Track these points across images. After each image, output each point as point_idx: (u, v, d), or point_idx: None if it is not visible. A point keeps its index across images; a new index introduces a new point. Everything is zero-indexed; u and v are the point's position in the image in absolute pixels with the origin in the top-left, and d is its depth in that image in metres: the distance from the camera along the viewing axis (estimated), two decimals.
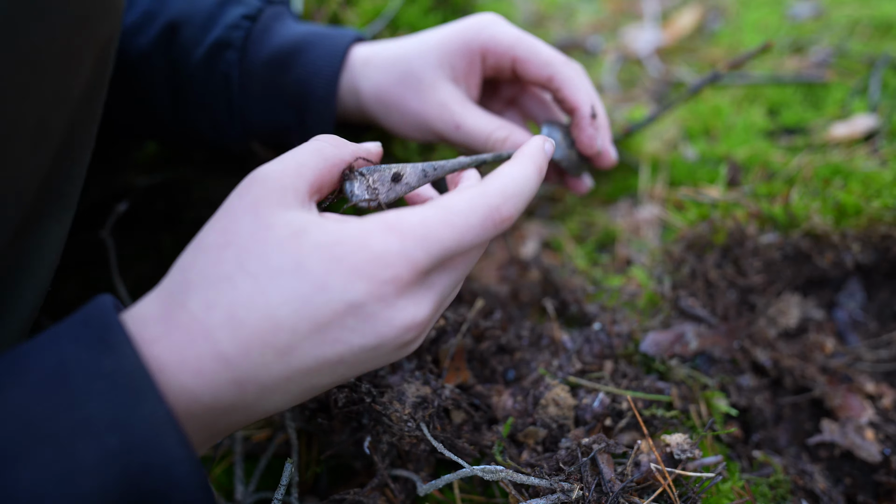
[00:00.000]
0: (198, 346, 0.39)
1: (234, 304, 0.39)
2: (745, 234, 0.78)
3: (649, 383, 0.69)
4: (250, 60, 0.70)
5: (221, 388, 0.39)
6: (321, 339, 0.40)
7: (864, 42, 1.14)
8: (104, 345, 0.36)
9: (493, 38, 0.65)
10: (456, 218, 0.43)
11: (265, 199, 0.42)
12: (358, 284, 0.40)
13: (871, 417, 0.72)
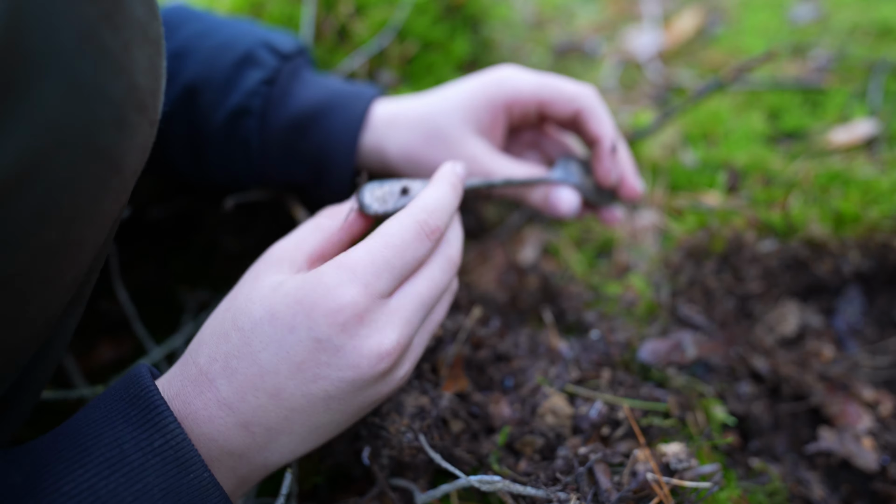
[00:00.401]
0: (205, 396, 0.45)
1: (228, 356, 0.46)
2: (743, 241, 0.78)
3: (647, 391, 0.70)
4: (269, 126, 0.71)
5: (231, 432, 0.45)
6: (302, 377, 0.45)
7: (864, 46, 1.14)
8: (153, 425, 0.42)
9: (516, 90, 0.68)
10: (393, 238, 0.47)
11: (264, 269, 0.50)
12: (320, 320, 0.44)
13: (868, 425, 0.73)
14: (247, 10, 1.05)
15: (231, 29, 0.75)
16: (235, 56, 0.71)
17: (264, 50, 0.72)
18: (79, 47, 0.34)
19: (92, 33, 0.34)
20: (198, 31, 0.75)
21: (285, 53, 0.74)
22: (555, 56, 1.45)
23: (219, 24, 0.76)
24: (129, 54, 0.38)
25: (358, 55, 0.96)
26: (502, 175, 0.68)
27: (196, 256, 0.97)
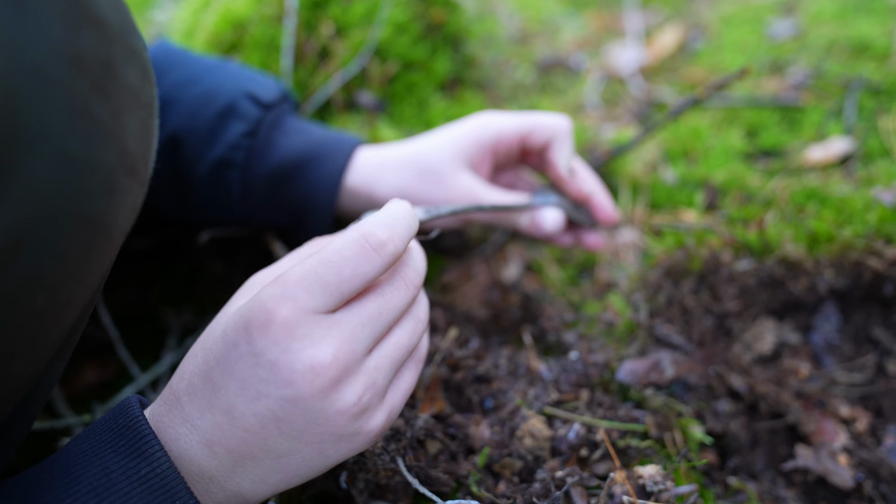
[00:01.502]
0: (172, 413, 0.46)
1: (192, 374, 0.47)
2: (720, 261, 0.79)
3: (625, 412, 0.70)
4: (251, 177, 0.73)
5: (196, 450, 0.45)
6: (247, 394, 0.45)
7: (841, 63, 1.16)
8: (140, 454, 0.43)
9: (500, 130, 0.73)
10: (331, 255, 0.46)
11: (238, 297, 0.52)
12: (254, 333, 0.44)
13: (844, 442, 0.74)
14: (229, 31, 1.06)
15: (214, 76, 0.77)
16: (218, 108, 0.73)
17: (246, 101, 0.74)
18: (69, 121, 0.34)
19: (82, 106, 0.35)
20: (182, 78, 0.76)
21: (266, 103, 0.75)
22: (539, 71, 1.47)
23: (202, 71, 0.78)
24: (120, 121, 0.38)
25: (337, 78, 0.97)
26: (492, 202, 0.71)
27: (180, 278, 0.97)
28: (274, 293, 0.44)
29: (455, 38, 1.13)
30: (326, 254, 0.46)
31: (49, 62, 0.33)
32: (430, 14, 1.07)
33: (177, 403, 0.47)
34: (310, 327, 0.44)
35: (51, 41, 0.33)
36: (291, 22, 0.99)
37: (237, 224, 0.79)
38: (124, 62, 0.39)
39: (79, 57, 0.35)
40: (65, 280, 0.37)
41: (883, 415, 0.79)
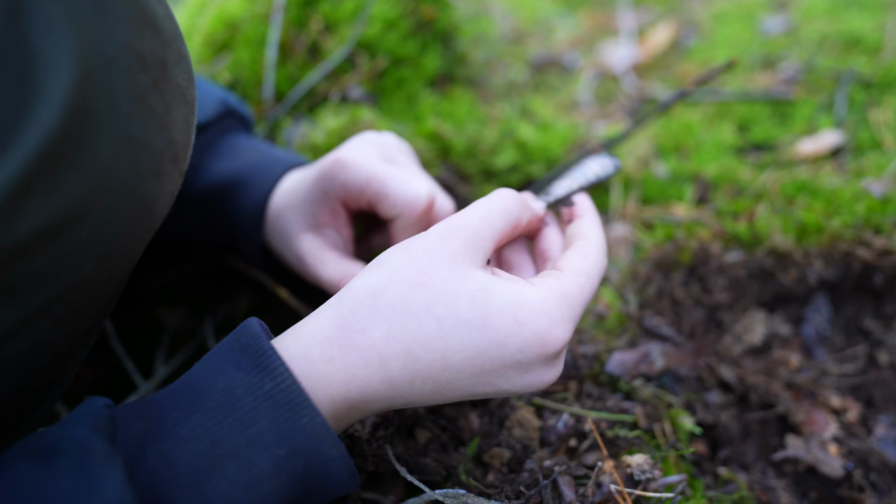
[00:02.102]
0: (370, 369, 0.45)
1: (415, 342, 0.45)
2: (710, 253, 0.79)
3: (613, 403, 0.70)
4: (182, 200, 0.70)
5: (378, 401, 0.46)
6: (479, 380, 0.47)
7: (832, 57, 1.16)
8: (263, 370, 0.42)
9: (345, 186, 0.64)
10: (593, 280, 0.51)
11: (462, 254, 0.48)
12: (533, 348, 0.46)
13: (834, 432, 0.74)
14: (222, 31, 1.06)
15: None
16: None
17: None
18: (131, 108, 0.39)
19: (143, 97, 0.40)
20: None
21: (201, 124, 0.73)
22: (533, 70, 1.47)
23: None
24: (170, 114, 0.43)
25: (320, 69, 0.98)
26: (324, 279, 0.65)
27: (170, 271, 0.97)
28: (563, 314, 0.47)
29: (445, 35, 1.13)
30: (592, 280, 0.51)
31: (119, 57, 0.38)
32: (419, 11, 1.08)
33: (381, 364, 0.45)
34: (565, 351, 0.49)
35: (121, 39, 0.38)
36: (278, 17, 1.00)
37: (189, 240, 0.78)
38: (175, 63, 0.44)
39: (141, 55, 0.40)
40: (111, 253, 0.40)
41: (874, 405, 0.79)
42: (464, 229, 0.48)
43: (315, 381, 0.44)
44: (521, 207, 0.53)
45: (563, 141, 1.09)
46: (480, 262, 0.48)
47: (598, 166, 0.62)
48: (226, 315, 0.93)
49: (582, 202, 0.60)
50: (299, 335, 0.46)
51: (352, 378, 0.45)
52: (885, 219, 0.76)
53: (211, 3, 1.17)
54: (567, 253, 0.54)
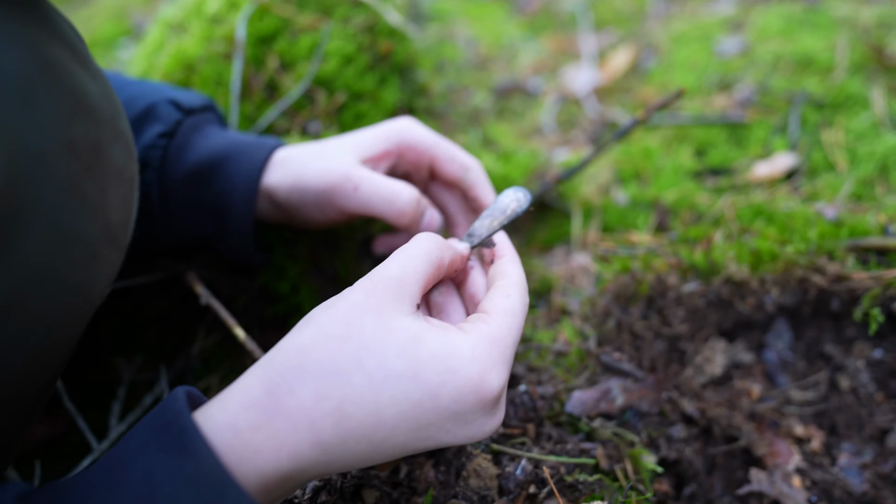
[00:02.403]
0: (299, 434, 0.43)
1: (345, 399, 0.44)
2: (667, 284, 0.78)
3: (573, 445, 0.69)
4: (169, 178, 0.71)
5: (313, 468, 0.44)
6: (417, 436, 0.46)
7: (786, 78, 1.18)
8: (184, 450, 0.40)
9: (414, 139, 0.71)
10: (520, 318, 0.52)
11: (389, 304, 0.47)
12: (469, 397, 0.45)
13: (798, 464, 0.73)
14: (179, 71, 1.05)
15: (135, 88, 0.75)
16: (136, 112, 0.71)
17: (166, 105, 0.72)
18: (62, 199, 0.38)
19: (74, 186, 0.39)
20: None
21: (188, 108, 0.74)
22: (496, 96, 1.48)
23: (124, 84, 0.76)
24: (106, 197, 0.42)
25: (278, 105, 0.97)
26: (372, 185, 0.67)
27: (123, 319, 0.95)
28: (495, 358, 0.47)
29: (404, 68, 1.13)
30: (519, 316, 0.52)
31: (48, 149, 0.37)
32: (376, 45, 1.08)
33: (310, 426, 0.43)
34: (504, 392, 0.49)
35: (50, 131, 0.38)
36: (239, 58, 0.99)
37: (160, 242, 0.76)
38: (111, 143, 0.43)
39: (73, 143, 0.39)
40: (45, 344, 0.39)
41: (836, 432, 0.79)
42: (388, 279, 0.49)
43: (242, 453, 0.42)
44: (441, 248, 0.54)
45: (524, 170, 1.09)
46: (409, 309, 0.48)
47: (513, 202, 0.63)
48: (184, 364, 0.91)
49: (501, 241, 0.61)
50: (226, 403, 0.45)
51: (280, 446, 0.43)
52: (838, 244, 0.76)
53: (169, 43, 1.16)
54: (490, 293, 0.54)
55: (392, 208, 0.65)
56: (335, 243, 0.90)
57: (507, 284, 0.54)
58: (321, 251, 0.88)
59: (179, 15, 1.15)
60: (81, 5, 2.61)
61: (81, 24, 2.36)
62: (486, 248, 0.60)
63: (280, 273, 0.85)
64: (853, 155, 0.96)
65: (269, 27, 1.04)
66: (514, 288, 0.54)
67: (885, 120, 1.01)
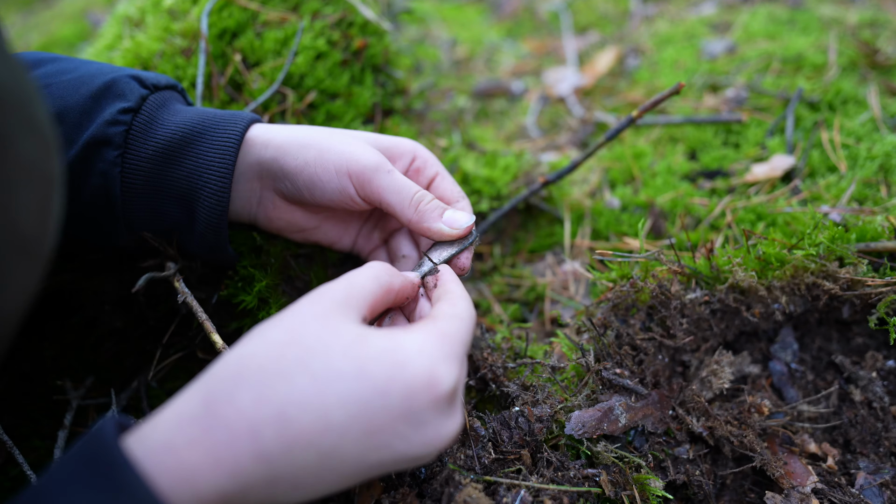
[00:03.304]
0: (238, 446, 0.40)
1: (287, 402, 0.41)
2: (670, 292, 0.73)
3: (576, 472, 0.63)
4: (133, 157, 0.63)
5: (253, 486, 0.40)
6: (369, 443, 0.42)
7: (777, 77, 1.14)
8: (114, 487, 0.36)
9: (425, 152, 0.72)
10: (467, 322, 0.50)
11: (335, 311, 0.46)
12: (421, 392, 0.42)
13: (815, 484, 0.67)
14: (135, 68, 0.97)
15: (95, 66, 0.67)
16: (94, 87, 0.63)
17: (128, 80, 0.65)
18: None
19: None
20: (58, 69, 0.66)
21: (153, 84, 0.67)
22: (478, 98, 1.42)
23: (83, 63, 0.68)
24: (11, 196, 0.36)
25: (249, 108, 0.89)
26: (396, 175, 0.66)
27: (74, 337, 0.86)
28: (445, 351, 0.45)
29: (379, 65, 1.06)
30: (469, 312, 0.51)
31: None
32: (350, 40, 1.01)
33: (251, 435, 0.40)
34: (459, 394, 0.46)
35: None
36: (202, 54, 0.91)
37: (119, 238, 0.67)
38: (19, 134, 0.36)
39: None
40: None
41: (852, 448, 0.74)
42: (333, 291, 0.49)
43: (177, 476, 0.38)
44: (391, 274, 0.55)
45: (509, 171, 1.03)
46: (354, 318, 0.48)
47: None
48: (140, 386, 0.81)
49: (443, 268, 0.62)
50: (161, 422, 0.41)
51: (219, 461, 0.39)
52: (848, 248, 0.72)
53: (125, 39, 1.08)
54: (437, 305, 0.55)
55: (411, 201, 0.64)
56: (309, 254, 0.83)
57: (451, 298, 0.54)
58: (294, 261, 0.80)
59: (136, 9, 1.07)
60: (44, 8, 2.50)
61: (42, 27, 2.24)
62: (431, 275, 0.63)
63: (247, 283, 0.76)
64: (853, 155, 0.92)
65: (233, 21, 0.96)
66: (459, 300, 0.53)
67: (882, 119, 0.97)
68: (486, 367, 0.73)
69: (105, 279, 0.87)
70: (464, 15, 1.86)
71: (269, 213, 0.69)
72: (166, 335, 0.80)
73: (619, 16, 1.65)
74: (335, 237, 0.75)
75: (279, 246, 0.78)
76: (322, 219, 0.73)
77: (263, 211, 0.69)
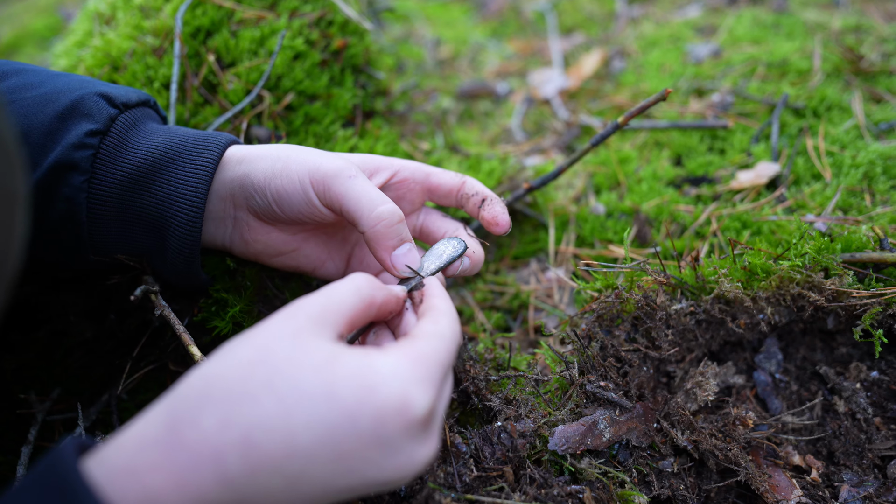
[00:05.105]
0: (202, 471, 0.38)
1: (253, 425, 0.39)
2: (655, 304, 0.71)
3: (559, 489, 0.61)
4: (101, 183, 0.61)
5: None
6: (337, 468, 0.40)
7: (762, 83, 1.14)
8: None
9: (408, 162, 0.69)
10: (448, 342, 0.48)
11: (306, 328, 0.44)
12: (392, 418, 0.40)
13: (799, 498, 0.67)
14: (104, 67, 0.93)
15: (63, 80, 0.64)
16: (60, 107, 0.60)
17: (96, 99, 0.62)
18: None
19: None
20: (20, 84, 0.63)
21: (123, 102, 0.64)
22: (462, 99, 1.40)
23: (46, 77, 0.65)
24: None
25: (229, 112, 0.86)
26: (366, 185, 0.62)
27: (41, 348, 0.82)
28: (418, 374, 0.43)
29: (360, 66, 1.04)
30: (448, 342, 0.48)
31: None
32: (329, 40, 0.98)
33: (215, 459, 0.38)
34: (435, 418, 0.44)
35: None
36: (177, 55, 0.87)
37: (85, 261, 0.65)
38: None
39: None
40: None
41: (835, 460, 0.73)
42: (309, 306, 0.46)
43: (139, 500, 0.37)
44: (374, 287, 0.52)
45: (493, 176, 1.01)
46: (329, 335, 0.45)
47: (449, 248, 0.65)
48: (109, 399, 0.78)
49: (429, 282, 0.59)
50: (123, 444, 0.40)
51: (182, 486, 0.38)
52: (833, 258, 0.71)
53: (96, 34, 1.04)
54: (419, 322, 0.53)
55: (374, 211, 0.59)
56: (286, 274, 0.79)
57: (435, 314, 0.52)
58: (270, 282, 0.77)
59: (107, 5, 1.03)
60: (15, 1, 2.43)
61: (14, 20, 2.18)
62: (418, 290, 0.60)
63: (221, 308, 0.73)
64: (837, 163, 0.92)
65: (207, 20, 0.93)
66: (442, 317, 0.51)
67: (866, 127, 0.97)
68: (468, 380, 0.71)
69: (71, 291, 0.83)
70: (448, 13, 1.84)
71: (244, 236, 0.66)
72: (137, 347, 0.77)
73: (604, 17, 1.63)
74: (317, 261, 0.71)
75: (255, 267, 0.75)
76: (301, 240, 0.69)
77: (239, 233, 0.66)
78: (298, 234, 0.69)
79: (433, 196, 0.71)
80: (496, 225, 0.67)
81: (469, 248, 0.66)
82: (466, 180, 0.69)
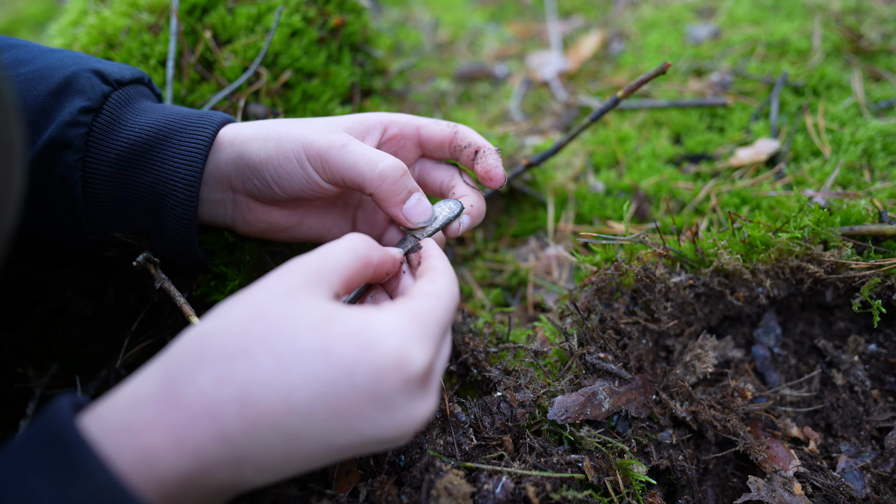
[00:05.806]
0: (199, 427, 0.38)
1: (250, 382, 0.39)
2: (654, 276, 0.71)
3: (559, 458, 0.61)
4: (95, 161, 0.60)
5: (217, 469, 0.39)
6: (335, 425, 0.40)
7: (761, 62, 1.13)
8: (72, 469, 0.35)
9: (396, 116, 0.67)
10: (445, 301, 0.48)
11: (302, 287, 0.44)
12: (390, 374, 0.40)
13: (797, 468, 0.67)
14: (99, 45, 0.92)
15: (52, 57, 0.63)
16: (52, 84, 0.60)
17: (90, 76, 0.61)
18: None
19: None
20: (15, 58, 0.63)
21: (117, 79, 0.63)
22: (460, 80, 1.39)
23: (39, 53, 0.64)
24: None
25: (227, 89, 0.86)
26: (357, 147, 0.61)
27: (40, 324, 0.82)
28: (415, 331, 0.42)
29: (358, 44, 1.03)
30: (448, 292, 0.49)
31: None
32: (327, 17, 0.97)
33: (213, 415, 0.38)
34: (433, 376, 0.44)
35: None
36: (174, 31, 0.87)
37: (85, 236, 0.64)
38: None
39: None
40: None
41: (833, 432, 0.73)
42: (305, 264, 0.46)
43: (137, 457, 0.37)
44: (370, 247, 0.51)
45: None
46: (325, 293, 0.45)
47: (445, 209, 0.64)
48: (108, 374, 0.78)
49: (427, 243, 0.59)
50: (118, 402, 0.40)
51: (179, 443, 0.38)
52: (833, 231, 0.71)
53: (91, 12, 1.03)
54: (416, 283, 0.53)
55: (374, 171, 0.58)
56: (284, 251, 0.79)
57: (432, 275, 0.52)
58: (269, 257, 0.77)
59: None
60: None
61: (7, 6, 2.16)
62: (415, 252, 0.60)
63: (220, 282, 0.73)
64: (837, 140, 0.92)
65: None
66: (440, 277, 0.51)
67: (866, 104, 0.97)
68: (467, 352, 0.71)
69: (70, 269, 0.83)
70: None
71: (246, 217, 0.65)
72: (136, 322, 0.77)
73: (603, 0, 1.63)
74: (322, 230, 0.70)
75: (255, 242, 0.75)
76: (303, 214, 0.69)
77: (240, 215, 0.66)
78: (299, 208, 0.69)
79: (426, 149, 0.69)
80: (489, 179, 0.65)
81: (468, 204, 0.64)
82: (458, 130, 0.66)
